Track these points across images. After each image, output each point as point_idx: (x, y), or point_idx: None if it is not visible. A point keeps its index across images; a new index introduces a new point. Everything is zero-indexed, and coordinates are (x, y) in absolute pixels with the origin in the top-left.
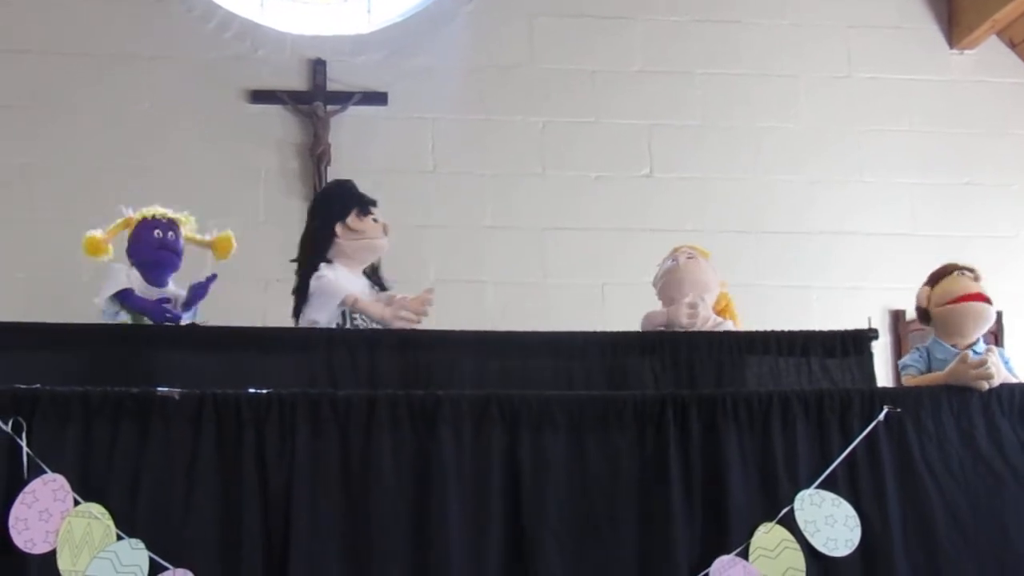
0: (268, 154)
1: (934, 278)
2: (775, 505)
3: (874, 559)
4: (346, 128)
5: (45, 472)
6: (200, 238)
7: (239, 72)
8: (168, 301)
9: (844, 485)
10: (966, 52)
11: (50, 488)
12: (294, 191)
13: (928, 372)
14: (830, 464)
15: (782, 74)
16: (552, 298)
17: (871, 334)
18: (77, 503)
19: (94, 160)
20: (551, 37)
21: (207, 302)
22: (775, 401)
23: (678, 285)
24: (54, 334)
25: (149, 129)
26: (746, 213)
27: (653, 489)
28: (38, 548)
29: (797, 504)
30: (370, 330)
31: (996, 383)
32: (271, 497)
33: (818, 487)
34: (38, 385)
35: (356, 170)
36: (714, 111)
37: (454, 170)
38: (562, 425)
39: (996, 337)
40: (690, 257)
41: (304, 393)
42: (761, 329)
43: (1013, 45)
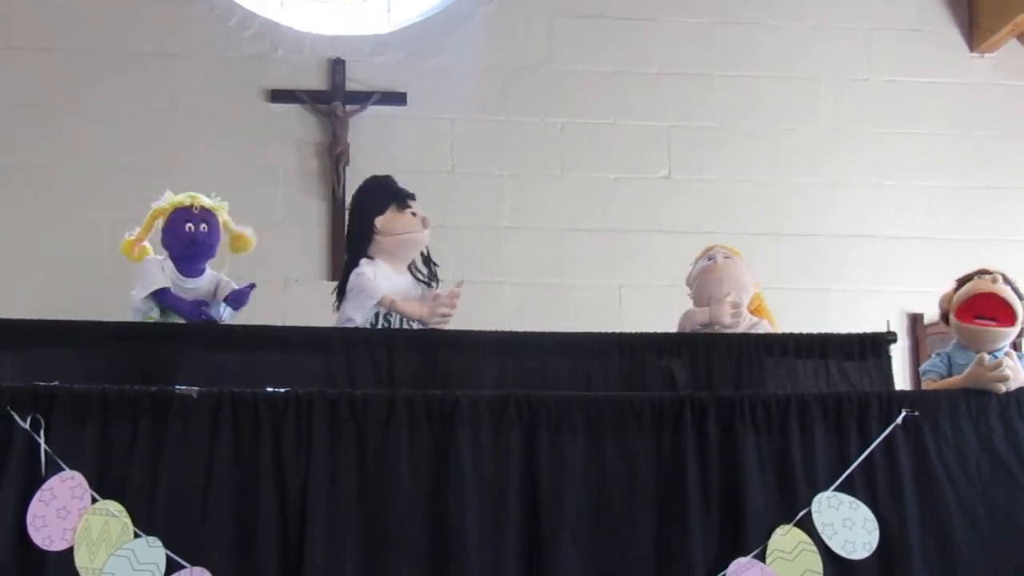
0: (287, 154)
1: (961, 281)
2: (793, 507)
3: (891, 562)
4: (365, 128)
5: (63, 470)
6: (232, 227)
7: (258, 71)
8: (205, 304)
9: (862, 488)
10: (986, 55)
11: (68, 485)
12: (312, 191)
13: (949, 377)
14: (848, 467)
15: (801, 76)
16: (570, 299)
17: (889, 337)
18: (95, 500)
19: (114, 158)
20: (570, 38)
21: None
22: (793, 403)
23: (717, 283)
24: (73, 332)
25: (168, 128)
26: (765, 215)
27: (670, 490)
28: (56, 545)
29: (815, 506)
30: (388, 330)
31: (1013, 386)
32: (288, 496)
33: (836, 489)
34: (56, 383)
35: (375, 170)
36: (733, 113)
37: (472, 170)
38: (580, 426)
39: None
40: (727, 256)
41: (322, 392)
42: (779, 332)
43: None
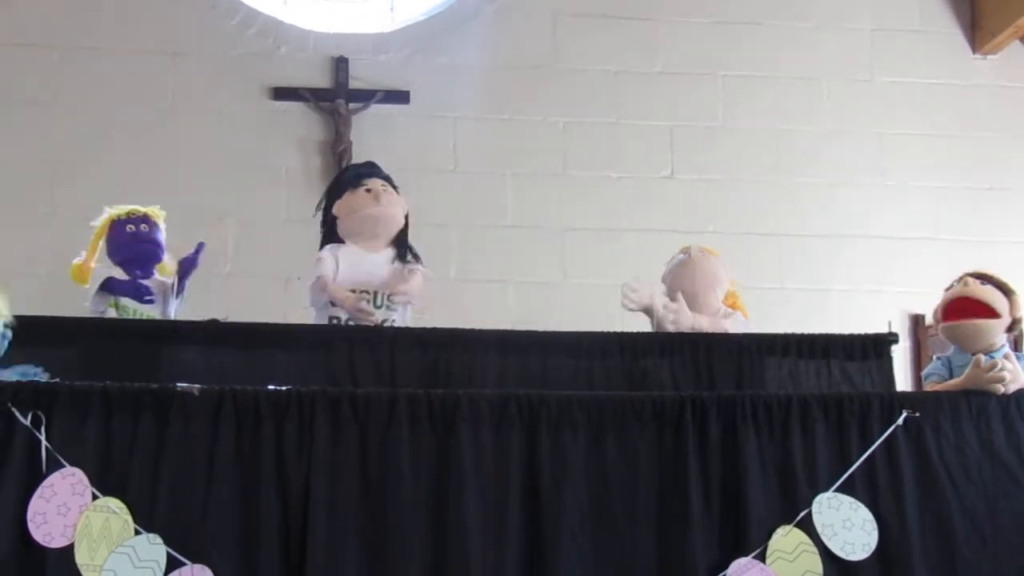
0: (290, 152)
1: (946, 290)
2: (793, 508)
3: (892, 563)
4: (368, 126)
5: (64, 466)
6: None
7: (261, 69)
8: (143, 278)
9: (862, 489)
10: (989, 57)
11: (68, 482)
12: (315, 189)
13: (950, 380)
14: (849, 467)
15: (804, 76)
16: (572, 298)
17: (891, 338)
18: (95, 497)
19: (117, 156)
20: (574, 37)
21: (228, 299)
22: (794, 404)
23: (690, 278)
24: (75, 329)
25: (171, 126)
26: (767, 215)
27: (671, 490)
28: (56, 542)
29: (815, 507)
30: (390, 328)
31: (1013, 387)
32: (289, 494)
33: (836, 490)
34: (58, 380)
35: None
36: (736, 113)
37: (475, 169)
38: (581, 425)
39: (1018, 342)
40: (702, 251)
41: (323, 391)
42: (781, 332)
43: None
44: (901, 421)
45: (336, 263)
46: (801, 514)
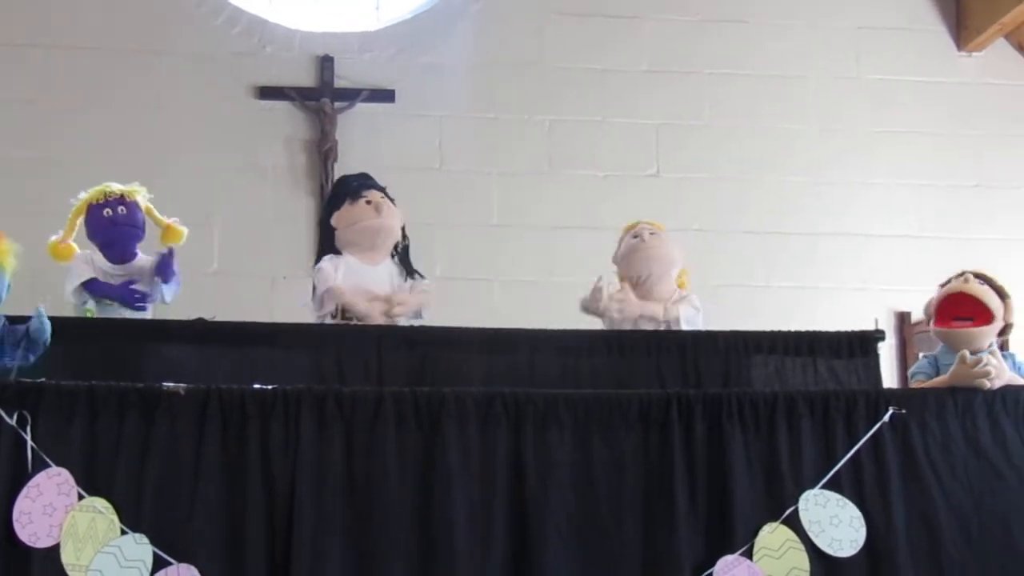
0: (275, 151)
1: (942, 287)
2: (780, 505)
3: (878, 560)
4: (353, 125)
5: (49, 466)
6: (156, 215)
7: (246, 68)
8: (134, 283)
9: (849, 486)
10: (974, 54)
11: (54, 482)
12: (301, 188)
13: (936, 378)
14: (835, 464)
15: (790, 75)
16: (558, 296)
17: (878, 335)
18: (81, 497)
19: (103, 155)
20: (559, 36)
21: (214, 298)
22: (780, 401)
23: (644, 262)
24: (60, 328)
25: (156, 125)
26: (752, 214)
27: (658, 488)
28: (42, 542)
29: (802, 504)
30: (377, 327)
31: (998, 383)
32: (275, 493)
33: (823, 487)
34: (43, 379)
35: (363, 167)
36: (722, 111)
37: (461, 168)
38: (567, 424)
39: (1004, 342)
40: (652, 233)
41: (309, 389)
42: (767, 329)
43: (1021, 48)
44: (887, 418)
45: (336, 273)
46: (788, 511)
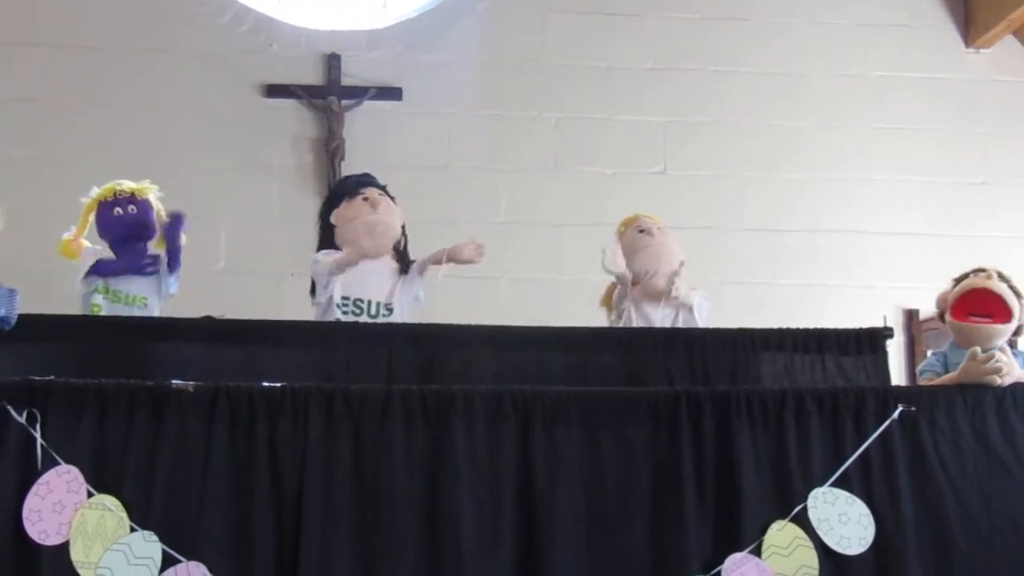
0: (282, 149)
1: (958, 281)
2: (788, 503)
3: (887, 557)
4: (360, 123)
5: (59, 464)
6: (163, 215)
7: (253, 66)
8: (148, 254)
9: (858, 483)
10: (982, 51)
11: (64, 480)
12: (308, 186)
13: (945, 375)
14: (844, 462)
15: (795, 72)
16: (566, 294)
17: (886, 332)
18: (91, 495)
19: (109, 153)
20: (565, 33)
21: (221, 296)
22: (789, 398)
23: (655, 256)
24: (67, 326)
25: (163, 123)
26: (760, 211)
27: (666, 486)
28: (51, 540)
29: (810, 502)
30: (385, 324)
31: (1008, 380)
32: (284, 490)
33: (832, 485)
34: (52, 377)
35: (370, 165)
36: (728, 108)
37: (468, 165)
38: (575, 421)
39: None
40: (659, 228)
41: (317, 387)
42: (776, 327)
43: None
44: (896, 415)
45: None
46: (796, 509)
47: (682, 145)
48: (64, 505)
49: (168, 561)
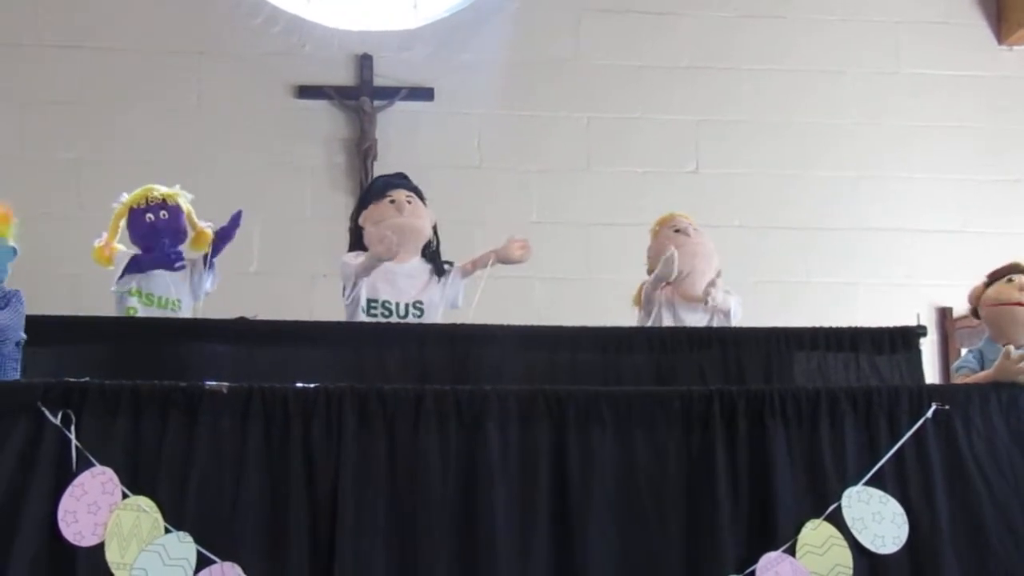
0: (315, 149)
1: (992, 276)
2: (822, 502)
3: (922, 556)
4: (392, 123)
5: (94, 465)
6: (194, 219)
7: (286, 67)
8: (174, 250)
9: (892, 482)
10: (1015, 48)
11: (99, 481)
12: (340, 186)
13: (981, 372)
14: (878, 461)
15: (830, 70)
16: (598, 293)
17: (920, 331)
18: (125, 496)
19: (143, 155)
20: (597, 32)
21: (255, 297)
22: (823, 397)
23: (691, 256)
24: (103, 327)
25: (197, 124)
26: (793, 209)
27: (700, 485)
28: (86, 540)
29: (845, 501)
30: (419, 325)
31: None
32: (318, 491)
33: (866, 484)
34: (87, 378)
35: (402, 165)
36: (761, 107)
37: (500, 166)
38: (609, 421)
39: None
40: (695, 228)
41: (351, 387)
42: (809, 325)
43: None
44: (930, 414)
45: (356, 260)
46: (831, 508)
47: (715, 144)
48: (99, 506)
49: (203, 562)
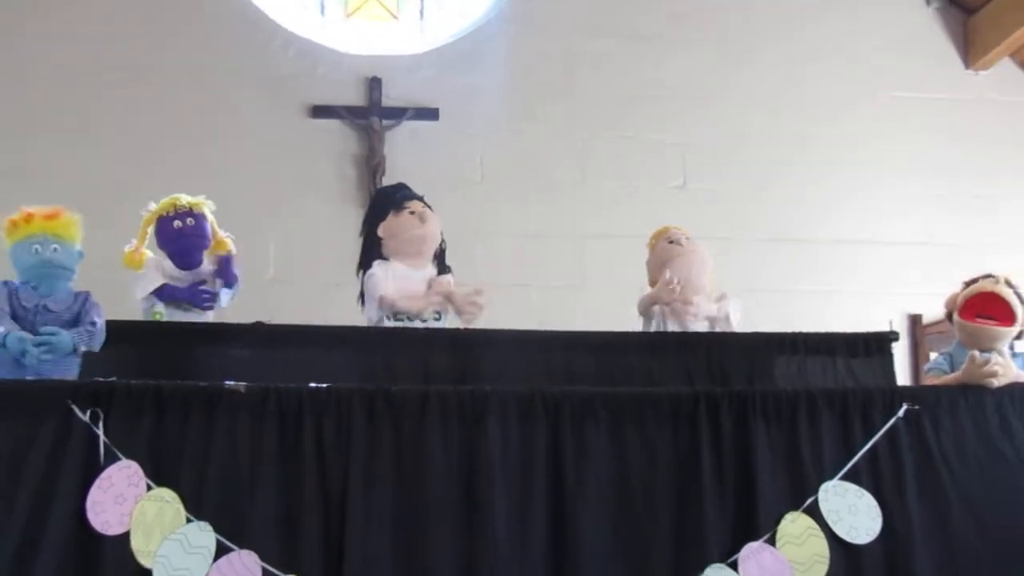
0: (327, 165)
1: (968, 284)
2: (801, 495)
3: (894, 547)
4: (400, 141)
5: (120, 459)
6: (215, 227)
7: (301, 89)
8: (203, 283)
9: (866, 477)
10: (981, 72)
11: (125, 474)
12: (351, 200)
13: (951, 374)
14: (853, 457)
15: (808, 92)
16: (591, 301)
17: (892, 336)
18: (150, 488)
19: (168, 169)
20: (591, 57)
21: (271, 303)
22: (802, 398)
23: (687, 266)
24: (132, 331)
25: (217, 142)
26: (774, 222)
27: (687, 480)
28: (113, 530)
29: (821, 495)
30: (424, 329)
31: (1004, 382)
32: (329, 484)
33: (841, 479)
34: (114, 378)
35: (409, 181)
36: (744, 128)
37: (501, 181)
38: (602, 419)
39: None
40: (688, 238)
41: (360, 388)
42: (789, 331)
43: None
44: (902, 413)
45: (386, 280)
46: (808, 501)
47: (701, 161)
48: (125, 498)
49: (221, 549)
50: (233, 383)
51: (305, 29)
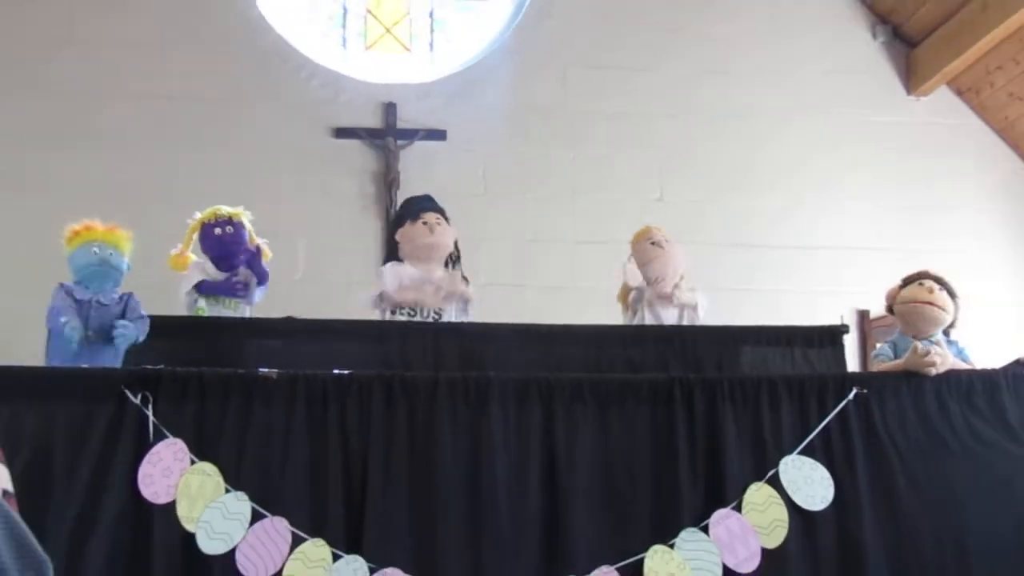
0: (349, 180)
1: (905, 280)
2: (763, 468)
3: (845, 512)
4: (412, 159)
5: (167, 437)
6: (252, 234)
7: (324, 113)
8: (236, 277)
9: (820, 452)
10: (921, 99)
11: (171, 450)
12: (370, 211)
13: (895, 360)
14: (809, 435)
15: (768, 114)
16: (580, 299)
17: (843, 329)
18: (193, 463)
19: (205, 186)
20: (582, 84)
21: (300, 300)
22: (764, 384)
23: (663, 264)
24: (178, 325)
25: (250, 160)
26: (738, 230)
27: (664, 454)
28: (161, 499)
29: (781, 468)
30: (434, 323)
31: (942, 370)
32: (351, 460)
33: (799, 454)
34: (162, 366)
35: (420, 193)
36: (715, 146)
37: (502, 193)
38: (590, 403)
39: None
40: (667, 240)
41: (379, 375)
42: (753, 325)
43: (960, 93)
44: (852, 397)
45: (393, 278)
46: (770, 473)
47: (677, 176)
48: (172, 471)
49: (256, 516)
50: (266, 370)
51: (329, 61)
